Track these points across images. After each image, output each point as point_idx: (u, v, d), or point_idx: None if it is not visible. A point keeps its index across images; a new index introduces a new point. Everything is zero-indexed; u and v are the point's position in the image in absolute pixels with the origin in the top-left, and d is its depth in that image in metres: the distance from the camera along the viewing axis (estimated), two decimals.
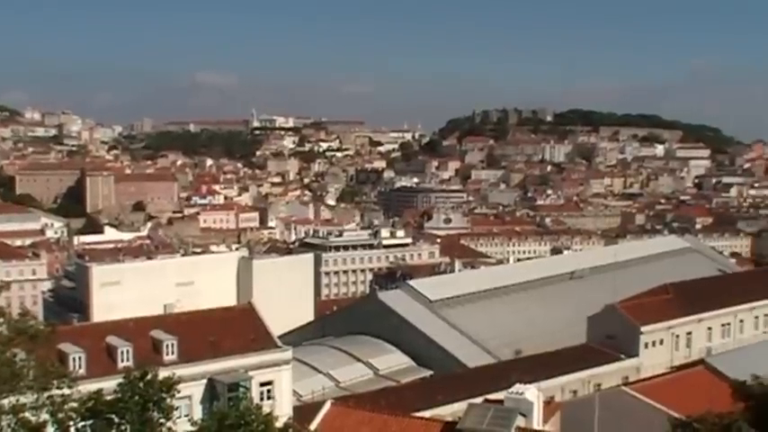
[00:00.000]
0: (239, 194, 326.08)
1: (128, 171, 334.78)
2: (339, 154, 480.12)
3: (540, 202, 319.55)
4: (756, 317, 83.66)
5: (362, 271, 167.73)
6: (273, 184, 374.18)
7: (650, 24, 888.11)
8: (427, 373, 75.88)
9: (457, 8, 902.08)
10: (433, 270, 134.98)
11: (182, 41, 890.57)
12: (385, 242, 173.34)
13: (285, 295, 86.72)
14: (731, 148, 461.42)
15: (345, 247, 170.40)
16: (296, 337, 76.35)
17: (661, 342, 73.62)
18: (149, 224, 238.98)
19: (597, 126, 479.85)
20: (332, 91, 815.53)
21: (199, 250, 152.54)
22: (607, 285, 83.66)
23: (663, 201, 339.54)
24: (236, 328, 51.23)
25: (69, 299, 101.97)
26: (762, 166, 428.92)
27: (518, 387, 40.04)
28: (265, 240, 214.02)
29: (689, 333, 76.47)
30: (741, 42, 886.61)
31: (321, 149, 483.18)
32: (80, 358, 44.51)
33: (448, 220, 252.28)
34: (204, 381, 47.52)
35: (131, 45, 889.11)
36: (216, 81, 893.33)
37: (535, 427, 37.81)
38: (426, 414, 48.43)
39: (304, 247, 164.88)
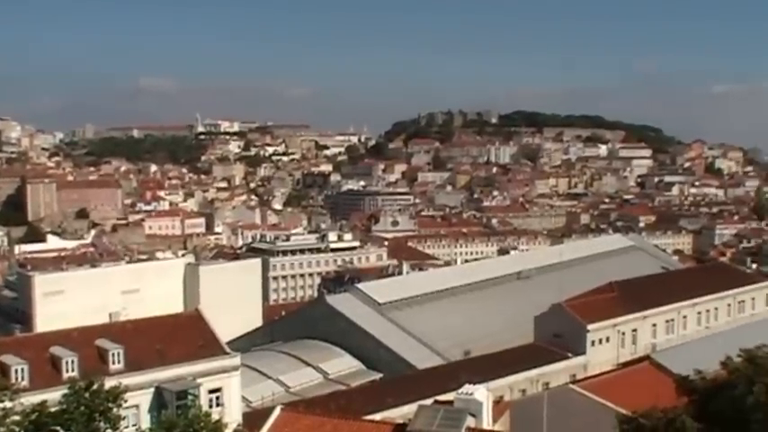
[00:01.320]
0: (185, 200, 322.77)
1: (70, 178, 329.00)
2: (285, 158, 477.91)
3: (486, 204, 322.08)
4: (699, 312, 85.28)
5: (310, 275, 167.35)
6: (219, 190, 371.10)
7: (590, 26, 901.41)
8: (377, 375, 75.86)
9: (400, 10, 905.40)
10: (381, 273, 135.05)
11: (123, 46, 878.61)
12: (332, 246, 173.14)
13: (233, 301, 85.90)
14: (672, 147, 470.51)
15: (293, 252, 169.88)
16: (244, 343, 75.73)
17: (607, 339, 74.59)
18: (93, 232, 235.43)
19: (541, 127, 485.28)
20: (276, 95, 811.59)
21: (144, 257, 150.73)
22: (553, 285, 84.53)
23: (607, 200, 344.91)
24: (183, 335, 50.68)
25: (11, 309, 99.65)
26: (701, 165, 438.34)
27: (467, 387, 40.17)
28: (212, 246, 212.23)
29: (634, 330, 77.64)
30: (678, 44, 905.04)
31: (267, 154, 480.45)
32: (23, 370, 43.63)
33: (395, 223, 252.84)
34: (152, 389, 46.93)
35: (71, 49, 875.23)
36: (159, 85, 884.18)
37: (485, 426, 37.96)
38: (377, 417, 48.42)
39: (251, 252, 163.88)
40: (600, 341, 73.85)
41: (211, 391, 49.12)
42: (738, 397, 38.82)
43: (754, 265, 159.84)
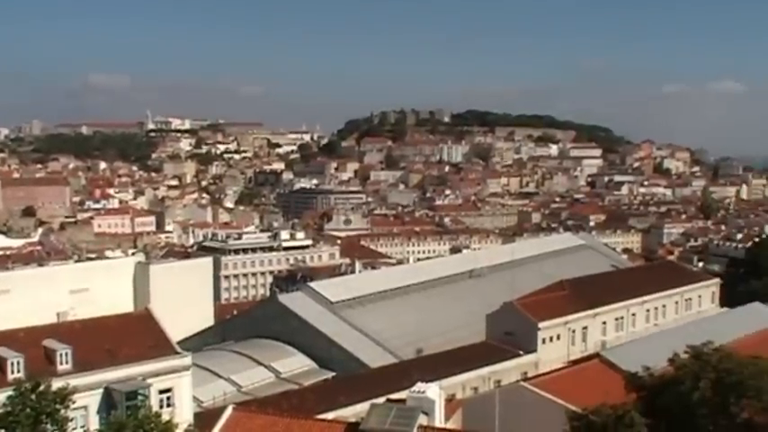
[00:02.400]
0: (135, 198, 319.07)
1: (16, 175, 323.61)
2: (237, 156, 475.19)
3: (438, 202, 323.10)
4: (648, 310, 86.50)
5: (262, 274, 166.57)
6: (170, 188, 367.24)
7: (542, 26, 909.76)
8: (329, 374, 75.68)
9: (354, 9, 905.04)
10: (333, 271, 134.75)
11: (72, 42, 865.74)
12: (285, 244, 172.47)
13: (184, 300, 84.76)
14: (621, 147, 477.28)
15: (245, 250, 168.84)
16: (196, 343, 75.01)
17: (558, 337, 75.27)
18: (40, 230, 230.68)
19: (493, 127, 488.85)
20: (228, 92, 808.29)
21: (93, 256, 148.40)
22: (505, 283, 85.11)
23: (558, 199, 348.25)
24: (133, 334, 50.01)
25: None
26: (650, 164, 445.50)
27: (420, 386, 40.27)
28: (162, 245, 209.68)
29: (584, 328, 78.44)
30: (629, 44, 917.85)
31: (218, 152, 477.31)
32: None
33: (348, 222, 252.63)
34: (101, 390, 46.22)
35: (18, 44, 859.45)
36: (109, 82, 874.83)
37: (437, 424, 38.08)
38: (329, 416, 48.34)
39: (202, 250, 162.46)
40: (551, 339, 74.49)
41: (162, 392, 48.55)
42: (685, 392, 39.58)
43: (701, 264, 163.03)
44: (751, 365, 40.00)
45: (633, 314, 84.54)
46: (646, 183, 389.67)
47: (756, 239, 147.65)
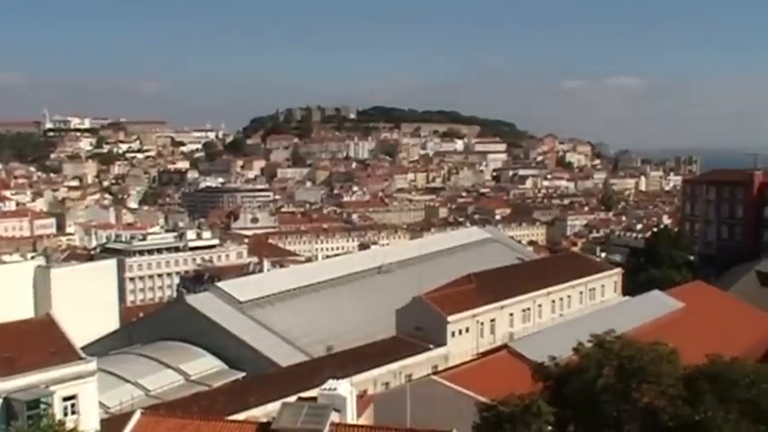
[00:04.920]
0: (33, 200, 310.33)
1: None
2: (140, 155, 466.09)
3: (346, 199, 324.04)
4: (553, 301, 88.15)
5: (169, 275, 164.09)
6: (70, 189, 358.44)
7: (444, 23, 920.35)
8: (239, 375, 74.96)
9: (256, 6, 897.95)
10: (241, 271, 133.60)
11: None
12: (191, 244, 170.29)
13: (87, 304, 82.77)
14: (525, 141, 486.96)
15: (150, 251, 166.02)
16: (101, 347, 73.35)
17: (467, 330, 76.06)
18: None
19: (399, 123, 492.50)
20: (130, 90, 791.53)
21: None
22: (414, 278, 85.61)
23: (464, 194, 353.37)
24: (33, 341, 48.51)
25: None
26: (553, 158, 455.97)
27: (331, 383, 40.29)
28: (64, 247, 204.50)
29: (492, 320, 79.44)
30: (525, 42, 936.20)
31: (121, 151, 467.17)
32: None
33: (255, 220, 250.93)
34: (0, 400, 44.74)
35: None
36: (3, 80, 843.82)
37: (349, 421, 38.15)
38: (240, 416, 47.88)
39: (106, 252, 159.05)
40: (460, 332, 75.21)
41: (66, 399, 47.27)
42: (589, 380, 40.63)
43: (603, 254, 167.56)
44: (651, 352, 41.23)
45: (539, 305, 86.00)
46: (549, 176, 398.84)
47: (655, 229, 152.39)
